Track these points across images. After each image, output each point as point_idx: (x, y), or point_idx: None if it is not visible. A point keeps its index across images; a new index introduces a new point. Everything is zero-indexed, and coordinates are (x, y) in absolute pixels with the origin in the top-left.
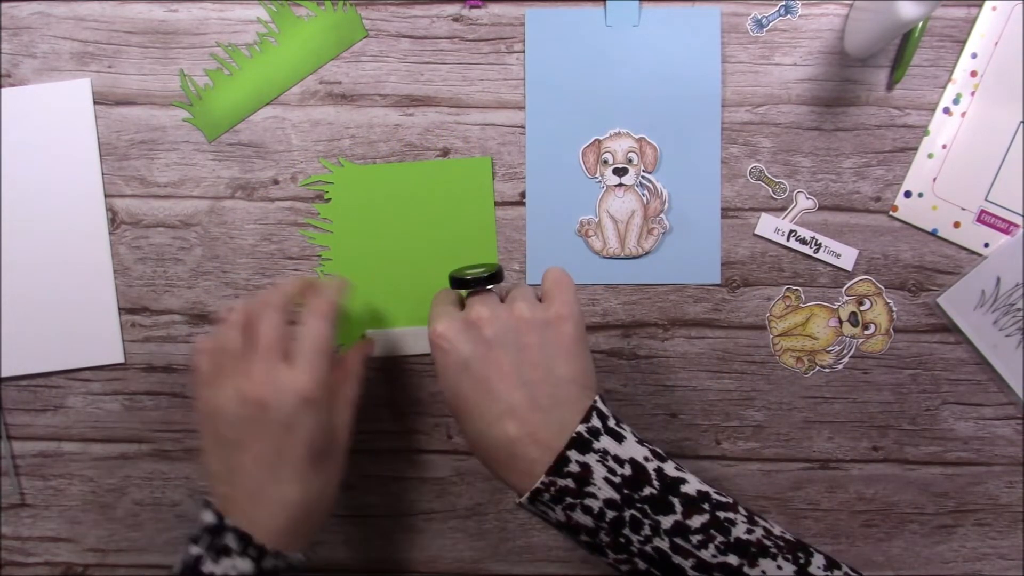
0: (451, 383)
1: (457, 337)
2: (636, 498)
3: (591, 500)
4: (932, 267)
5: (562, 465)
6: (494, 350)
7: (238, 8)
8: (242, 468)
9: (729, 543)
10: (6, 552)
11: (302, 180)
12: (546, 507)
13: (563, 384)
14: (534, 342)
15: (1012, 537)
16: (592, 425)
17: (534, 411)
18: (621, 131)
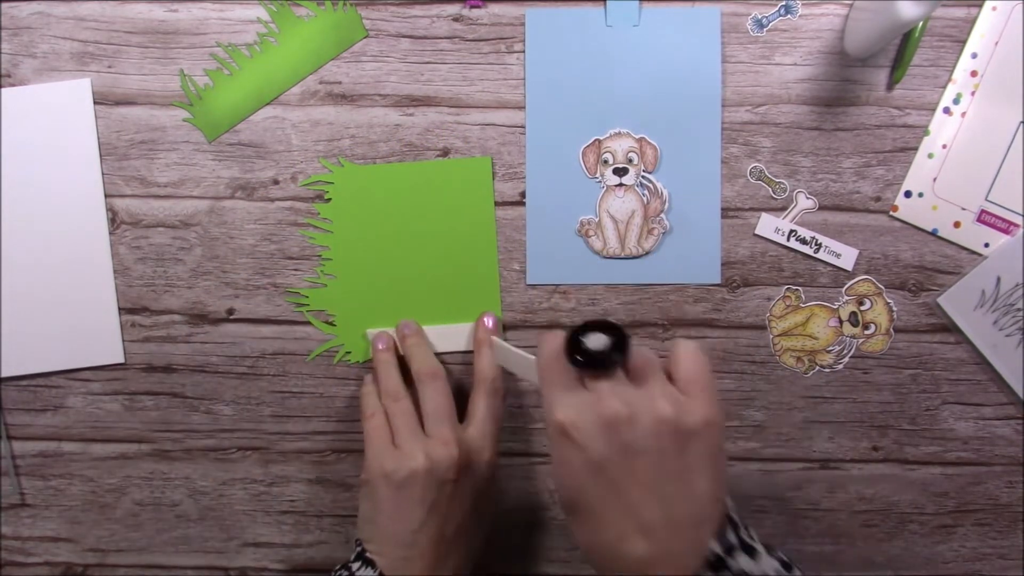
0: (575, 483)
1: (591, 434)
2: None
3: None
4: (932, 267)
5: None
6: (632, 456)
7: (238, 8)
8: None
9: None
10: (6, 552)
11: (302, 180)
12: None
13: (704, 502)
14: (676, 451)
15: (1012, 537)
16: (728, 542)
17: (670, 530)
18: (621, 131)
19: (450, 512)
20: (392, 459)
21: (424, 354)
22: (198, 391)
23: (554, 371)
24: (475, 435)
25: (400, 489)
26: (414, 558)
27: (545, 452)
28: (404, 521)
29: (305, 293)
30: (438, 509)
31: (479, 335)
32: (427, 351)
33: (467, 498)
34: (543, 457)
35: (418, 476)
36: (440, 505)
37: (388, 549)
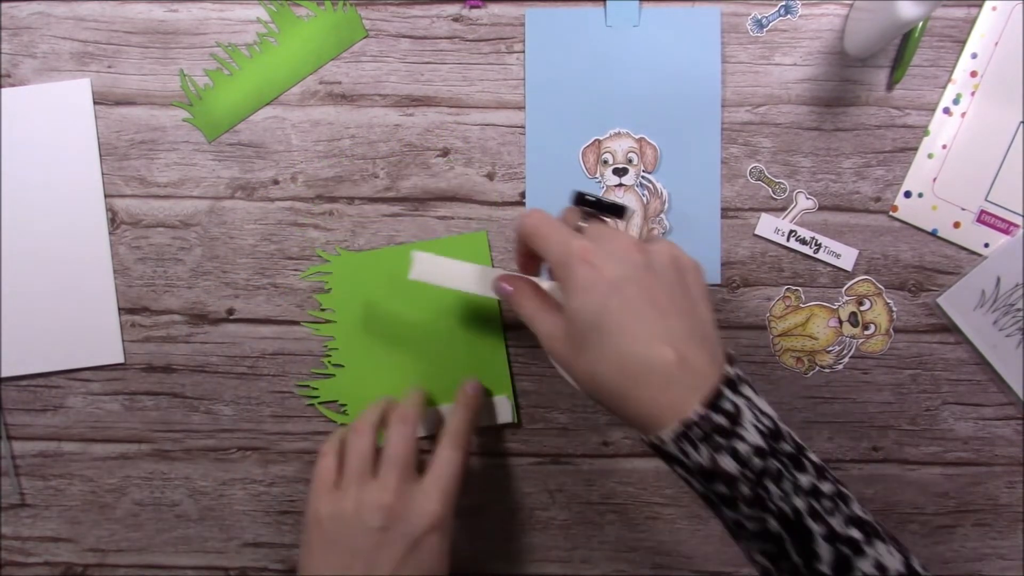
0: (596, 300)
1: (607, 257)
2: (779, 450)
3: (740, 443)
4: (932, 267)
5: (718, 400)
6: (651, 275)
7: (238, 8)
8: None
9: (852, 517)
10: (6, 552)
11: (301, 274)
12: (692, 445)
13: (708, 323)
14: (676, 279)
15: (1012, 537)
16: (739, 371)
17: (692, 340)
18: (621, 131)
19: (376, 561)
20: (325, 501)
21: (408, 402)
22: (198, 391)
23: (549, 222)
24: (424, 486)
25: (327, 533)
26: None
27: (545, 452)
28: (329, 566)
29: (315, 385)
30: (360, 556)
31: (460, 397)
32: (416, 404)
33: (396, 548)
34: (543, 457)
35: (345, 519)
36: (364, 552)
37: None
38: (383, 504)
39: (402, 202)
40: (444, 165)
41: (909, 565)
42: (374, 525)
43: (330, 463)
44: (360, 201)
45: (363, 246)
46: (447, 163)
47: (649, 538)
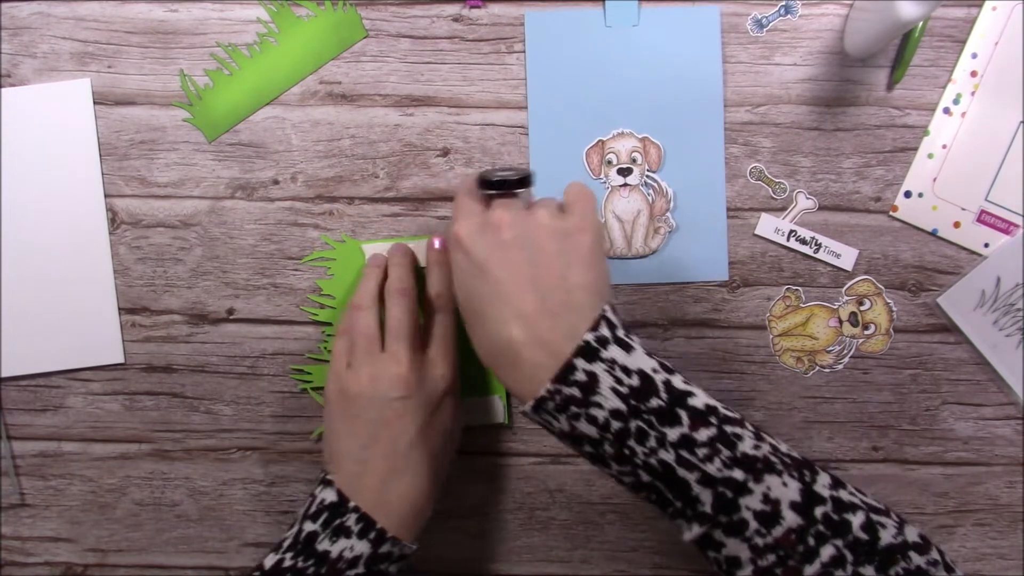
0: (465, 285)
1: (475, 239)
2: (643, 409)
3: (596, 410)
4: (932, 267)
5: (568, 373)
6: (510, 252)
7: (238, 8)
8: (380, 448)
9: (735, 458)
10: (6, 552)
11: (304, 257)
12: (550, 416)
13: (576, 291)
14: (551, 248)
15: (1012, 537)
16: (600, 334)
17: (544, 316)
18: (624, 131)
19: (401, 428)
20: (343, 379)
21: (399, 273)
22: (198, 391)
23: (463, 201)
24: (431, 353)
25: (348, 408)
26: (367, 473)
27: (545, 452)
28: (355, 438)
29: (308, 370)
30: (387, 425)
31: (429, 256)
32: (404, 271)
33: (419, 413)
34: (543, 457)
35: (364, 394)
36: (389, 421)
37: (343, 467)
38: (399, 375)
39: (402, 202)
40: (444, 165)
41: (808, 490)
42: (394, 396)
43: (342, 344)
44: (360, 201)
45: None
46: (447, 163)
47: (649, 538)
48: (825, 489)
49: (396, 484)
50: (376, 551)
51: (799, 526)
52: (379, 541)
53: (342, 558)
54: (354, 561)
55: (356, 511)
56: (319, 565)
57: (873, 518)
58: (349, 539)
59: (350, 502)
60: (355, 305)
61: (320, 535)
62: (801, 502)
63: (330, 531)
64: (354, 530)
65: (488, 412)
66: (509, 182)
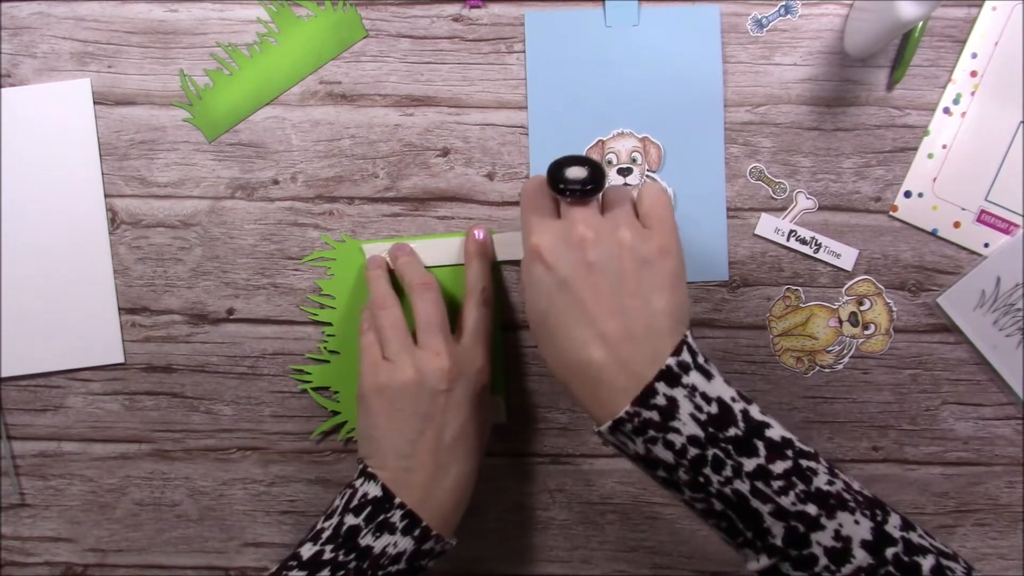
0: (542, 300)
1: (559, 255)
2: (721, 438)
3: (674, 435)
4: (932, 267)
5: (649, 396)
6: (595, 274)
7: (238, 8)
8: (426, 442)
9: (809, 492)
10: (6, 552)
11: (304, 258)
12: (626, 438)
13: (658, 316)
14: (635, 273)
15: (1012, 537)
16: (682, 359)
17: (626, 340)
18: (624, 131)
19: (445, 421)
20: (384, 372)
21: (416, 268)
22: (198, 391)
23: (535, 202)
24: (467, 345)
25: (393, 402)
26: (414, 468)
27: (545, 452)
28: (400, 433)
29: (309, 370)
30: (433, 419)
31: (469, 247)
32: (419, 266)
33: (462, 406)
34: (543, 457)
35: (409, 388)
36: (434, 415)
37: (388, 462)
38: (443, 368)
39: (402, 202)
40: (444, 165)
41: (879, 530)
42: (440, 388)
43: (373, 338)
44: (360, 201)
45: None
46: (447, 163)
47: (649, 538)
48: (896, 530)
49: (443, 480)
50: (419, 548)
51: (869, 565)
52: (423, 538)
53: (385, 554)
54: (397, 557)
55: (402, 507)
56: (361, 559)
57: (943, 563)
58: (393, 535)
59: (396, 498)
60: (377, 304)
61: (363, 529)
62: (872, 541)
63: (374, 526)
64: (399, 526)
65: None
66: (584, 189)
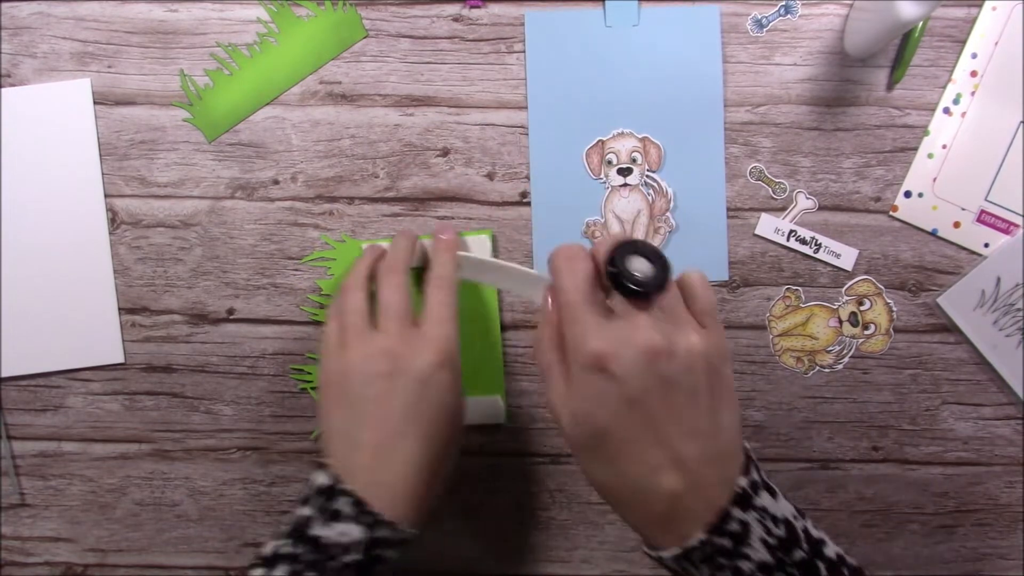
0: (603, 416)
1: (631, 367)
2: (788, 562)
3: (744, 562)
4: (932, 267)
5: (724, 523)
6: (670, 391)
7: (238, 8)
8: (369, 425)
9: None
10: (6, 552)
11: (304, 257)
12: (691, 565)
13: (730, 434)
14: (707, 385)
15: (1012, 537)
16: (753, 479)
17: (702, 463)
18: (624, 131)
19: (391, 404)
20: (334, 359)
21: (392, 254)
22: (198, 391)
23: (586, 296)
24: (425, 329)
25: (343, 387)
26: (356, 452)
27: (545, 452)
28: (347, 418)
29: (308, 369)
30: (376, 402)
31: (436, 244)
32: (399, 252)
33: (410, 389)
34: (543, 457)
35: (356, 372)
36: (379, 399)
37: (335, 448)
38: (386, 349)
39: (402, 202)
40: (444, 165)
41: None
42: (381, 370)
43: (334, 326)
44: (360, 201)
45: None
46: (447, 163)
47: None
48: None
49: (388, 463)
50: (372, 535)
51: None
52: (374, 525)
53: (337, 544)
54: (349, 547)
55: (349, 494)
56: (314, 552)
57: None
58: (343, 524)
59: (341, 484)
60: (344, 287)
61: (314, 520)
62: None
63: (324, 516)
64: (348, 514)
65: (488, 412)
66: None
